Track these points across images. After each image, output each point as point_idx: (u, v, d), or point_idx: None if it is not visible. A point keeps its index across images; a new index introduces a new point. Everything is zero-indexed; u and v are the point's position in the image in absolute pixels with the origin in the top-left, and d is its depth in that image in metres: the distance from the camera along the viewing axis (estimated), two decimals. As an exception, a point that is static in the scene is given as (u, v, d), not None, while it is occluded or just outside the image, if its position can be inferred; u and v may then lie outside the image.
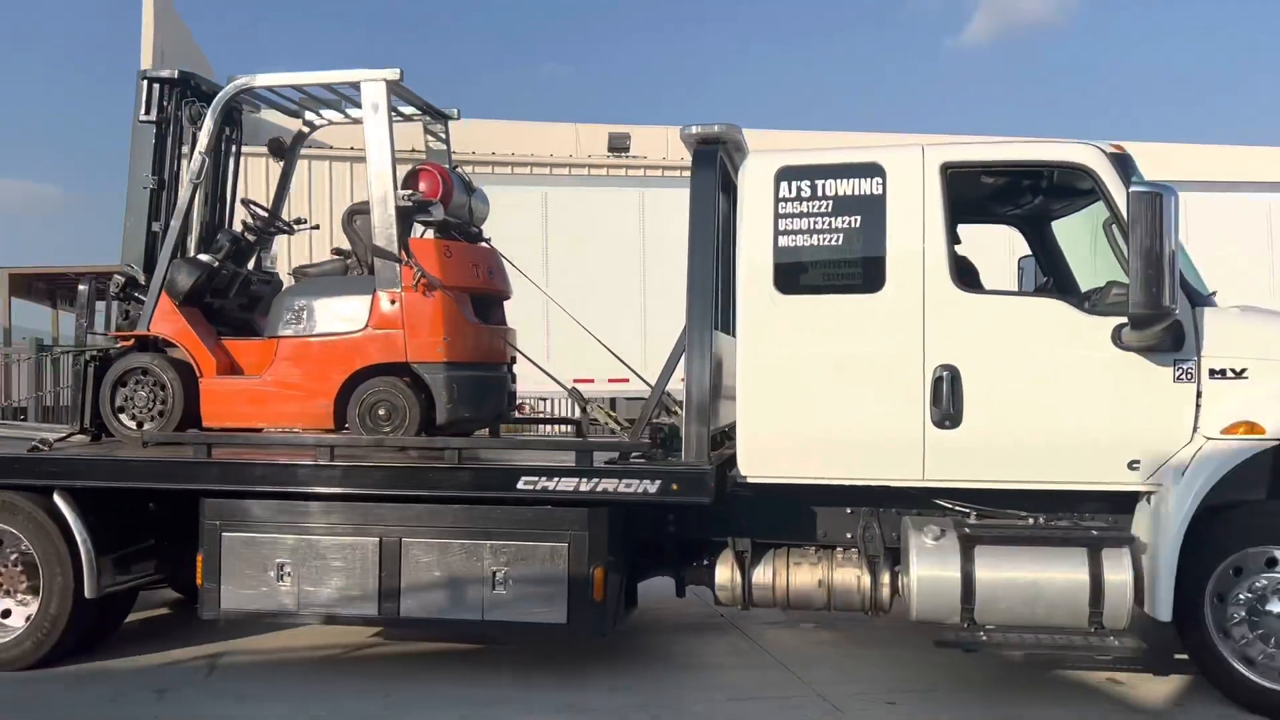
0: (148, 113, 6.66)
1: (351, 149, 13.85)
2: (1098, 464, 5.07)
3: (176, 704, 5.34)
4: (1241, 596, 4.88)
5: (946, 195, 5.21)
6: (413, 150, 7.44)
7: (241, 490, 5.58)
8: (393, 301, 6.09)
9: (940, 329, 5.14)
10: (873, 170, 5.28)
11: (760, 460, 5.34)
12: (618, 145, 18.97)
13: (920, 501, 5.39)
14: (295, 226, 7.24)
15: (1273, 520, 5.06)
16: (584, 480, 5.23)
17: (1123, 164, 5.18)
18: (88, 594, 5.71)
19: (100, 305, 6.93)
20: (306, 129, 7.45)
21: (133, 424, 6.36)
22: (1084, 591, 4.89)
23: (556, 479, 5.25)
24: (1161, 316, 4.72)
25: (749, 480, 5.35)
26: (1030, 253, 6.56)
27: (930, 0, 77.77)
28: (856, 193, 5.28)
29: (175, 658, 6.14)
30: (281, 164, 7.51)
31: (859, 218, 5.26)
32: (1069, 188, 5.58)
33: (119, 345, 6.56)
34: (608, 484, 5.20)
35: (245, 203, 7.06)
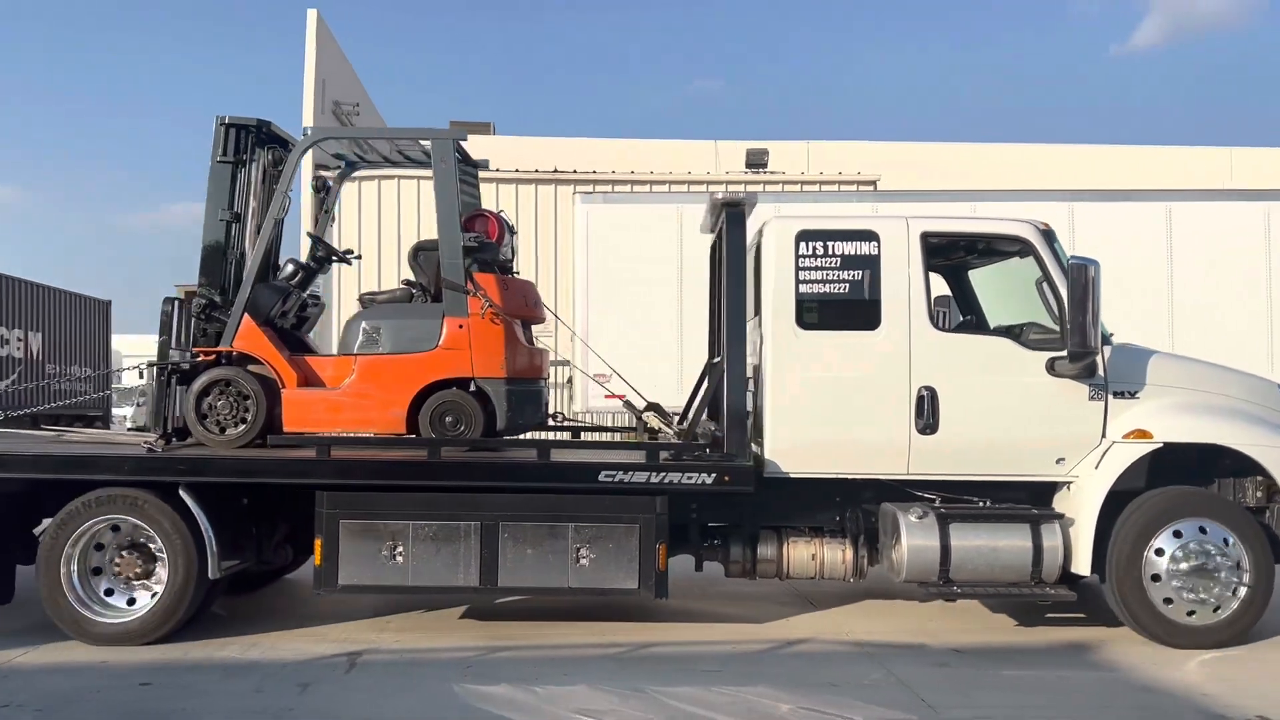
0: (225, 154, 7.58)
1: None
2: (1035, 460, 6.83)
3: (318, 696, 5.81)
4: (1177, 553, 6.62)
5: (925, 256, 6.87)
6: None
7: (356, 484, 6.66)
8: (461, 326, 7.27)
9: (922, 359, 6.78)
10: (869, 235, 6.90)
11: (785, 459, 6.83)
12: (755, 161, 19.18)
13: (895, 492, 6.98)
14: (351, 258, 8.26)
15: (1207, 499, 6.83)
16: (653, 474, 6.60)
17: (1048, 238, 6.97)
18: (211, 575, 6.64)
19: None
20: (346, 169, 8.49)
21: (216, 430, 7.26)
22: (1028, 554, 6.60)
23: (631, 472, 6.60)
24: (1091, 353, 6.50)
25: (784, 475, 6.81)
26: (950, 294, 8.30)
27: (1093, 4, 78.79)
28: (858, 252, 6.88)
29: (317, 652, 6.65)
30: (324, 199, 8.52)
31: (860, 272, 6.86)
32: (1000, 250, 7.34)
33: (200, 359, 7.42)
34: (673, 476, 6.59)
35: (312, 236, 8.04)
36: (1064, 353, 6.69)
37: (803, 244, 6.89)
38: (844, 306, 6.88)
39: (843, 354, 6.84)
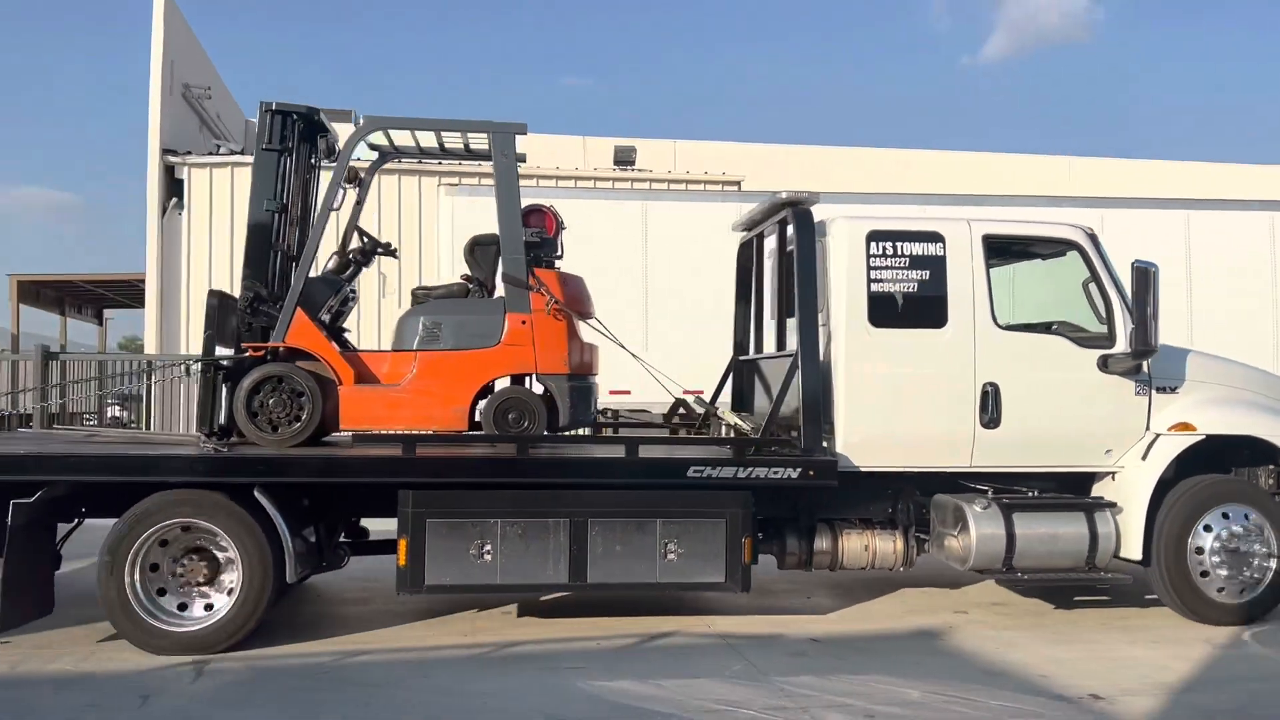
0: (271, 142, 7.29)
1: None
2: (1086, 452, 7.23)
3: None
4: (1222, 534, 7.09)
5: (986, 256, 7.16)
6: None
7: (445, 482, 6.55)
8: (524, 322, 7.21)
9: (985, 356, 7.08)
10: (936, 237, 7.15)
11: (856, 453, 7.04)
12: (624, 158, 19.16)
13: (944, 483, 7.27)
14: (395, 252, 8.05)
15: (1244, 487, 7.34)
16: (740, 469, 6.71)
17: (1095, 241, 7.37)
18: (289, 579, 6.44)
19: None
20: (379, 160, 8.27)
21: (268, 428, 7.01)
22: (1085, 541, 6.99)
23: (719, 468, 6.68)
24: (1152, 351, 6.91)
25: (855, 469, 7.01)
26: None
27: (943, 20, 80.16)
28: (925, 253, 7.13)
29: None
30: (357, 190, 8.26)
31: (927, 271, 7.11)
32: (1047, 252, 7.70)
33: (249, 356, 7.14)
34: (759, 471, 6.71)
35: (358, 229, 7.81)
36: (1113, 350, 7.11)
37: (873, 244, 7.09)
38: (912, 305, 7.11)
39: (911, 351, 7.08)
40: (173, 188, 18.17)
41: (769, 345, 8.51)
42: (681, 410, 8.75)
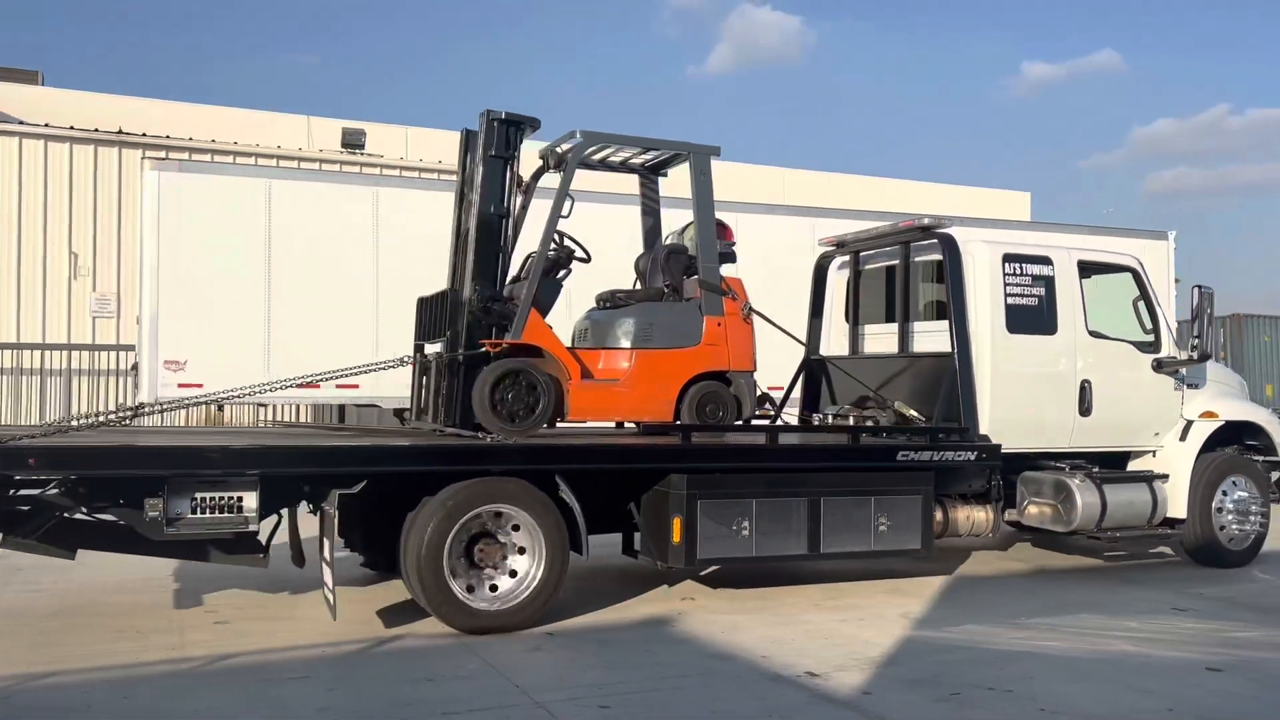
0: (498, 150, 7.65)
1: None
2: (1144, 434, 9.16)
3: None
4: (1237, 495, 9.22)
5: (1080, 277, 8.86)
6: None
7: (713, 466, 7.33)
8: (719, 324, 8.09)
9: (1082, 357, 8.78)
10: (1046, 260, 8.77)
11: (998, 438, 8.50)
12: (352, 141, 18.71)
13: (1022, 462, 8.90)
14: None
15: (1244, 461, 9.43)
16: (934, 452, 7.99)
17: (1143, 267, 9.29)
18: (585, 557, 6.98)
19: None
20: (541, 170, 8.68)
21: (507, 419, 7.43)
22: (1149, 505, 8.89)
23: (920, 452, 7.93)
24: (1209, 357, 8.89)
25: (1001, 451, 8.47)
26: None
27: (670, 27, 78.48)
28: (1040, 273, 8.72)
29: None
30: (522, 199, 8.63)
31: (1043, 288, 8.71)
32: (1109, 274, 9.50)
33: (488, 351, 7.48)
34: (948, 454, 8.03)
35: (561, 235, 8.24)
36: (1159, 355, 9.06)
37: (1007, 264, 8.59)
38: (1034, 315, 8.68)
39: (1034, 353, 8.65)
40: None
41: (835, 348, 9.83)
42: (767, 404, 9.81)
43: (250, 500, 6.27)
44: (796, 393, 10.03)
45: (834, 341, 10.01)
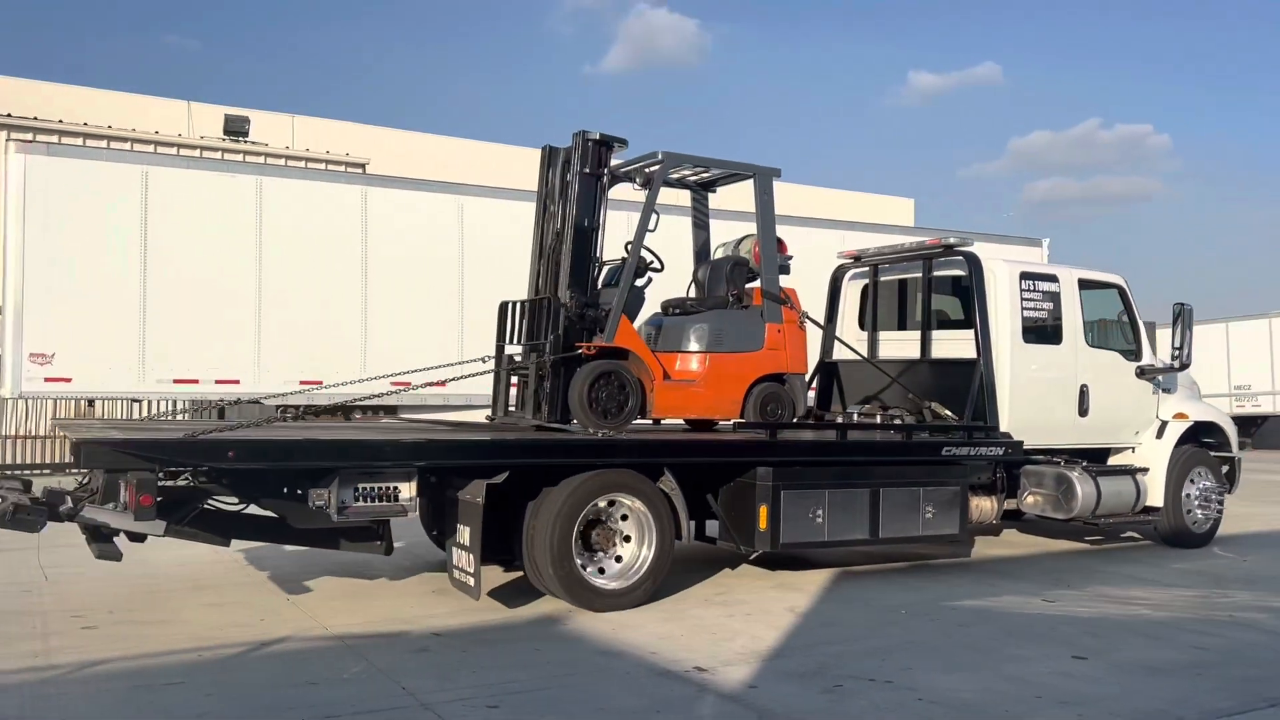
0: (591, 168, 8.27)
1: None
2: (1127, 433, 10.38)
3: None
4: (1203, 485, 10.51)
5: (1079, 293, 10.00)
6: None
7: (794, 460, 8.14)
8: (779, 331, 8.91)
9: (1081, 365, 9.93)
10: (1053, 278, 9.90)
11: (1015, 435, 9.55)
12: (235, 129, 17.87)
13: (1022, 459, 10.01)
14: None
15: (1206, 456, 10.70)
16: (972, 448, 8.99)
17: (1128, 283, 10.51)
18: (683, 540, 7.71)
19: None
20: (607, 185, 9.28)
21: (600, 416, 8.08)
22: (1134, 495, 10.10)
23: (959, 447, 8.90)
24: (1188, 365, 10.14)
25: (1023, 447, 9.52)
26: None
27: (566, 24, 76.43)
28: (1049, 289, 9.83)
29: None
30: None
31: (1051, 303, 9.81)
32: (1099, 291, 10.65)
33: (583, 353, 8.10)
34: (981, 450, 9.04)
35: (639, 245, 8.87)
36: (1141, 363, 10.29)
37: (1023, 281, 9.67)
38: (1044, 327, 9.78)
39: (1043, 360, 9.75)
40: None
41: (844, 353, 10.78)
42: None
43: (407, 490, 6.79)
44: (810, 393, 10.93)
45: (844, 347, 10.93)
